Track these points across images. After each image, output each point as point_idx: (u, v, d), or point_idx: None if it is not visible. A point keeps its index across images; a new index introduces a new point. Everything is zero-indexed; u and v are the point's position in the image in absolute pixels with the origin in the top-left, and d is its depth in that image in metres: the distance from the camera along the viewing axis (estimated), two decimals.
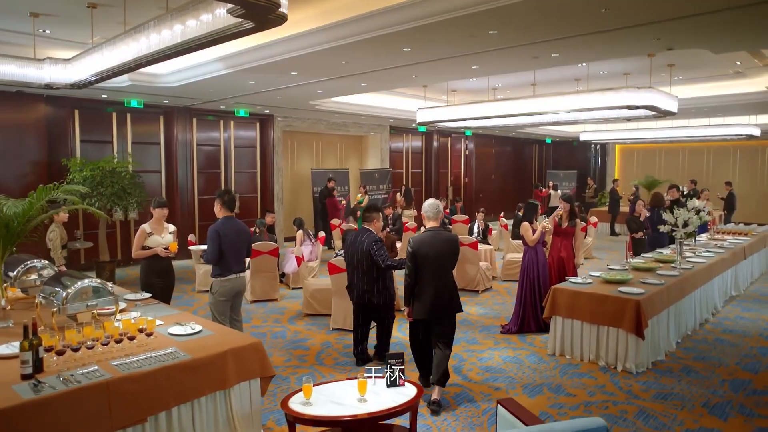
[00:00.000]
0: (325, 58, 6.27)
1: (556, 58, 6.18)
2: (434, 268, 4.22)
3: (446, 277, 4.29)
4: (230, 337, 3.74)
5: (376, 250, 4.86)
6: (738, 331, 6.22)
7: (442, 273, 4.26)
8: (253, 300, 7.54)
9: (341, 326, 6.21)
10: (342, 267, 6.08)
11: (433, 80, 7.97)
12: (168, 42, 4.32)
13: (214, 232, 4.68)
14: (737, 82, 9.90)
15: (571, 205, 6.40)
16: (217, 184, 11.84)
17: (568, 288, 5.29)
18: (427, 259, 4.20)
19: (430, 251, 4.21)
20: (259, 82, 7.99)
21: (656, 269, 6.11)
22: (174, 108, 10.78)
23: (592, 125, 17.14)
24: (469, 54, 5.97)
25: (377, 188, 14.59)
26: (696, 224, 6.15)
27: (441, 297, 4.24)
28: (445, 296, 4.26)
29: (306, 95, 9.36)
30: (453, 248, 4.32)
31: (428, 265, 4.22)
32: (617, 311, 4.91)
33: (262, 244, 7.54)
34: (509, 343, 5.76)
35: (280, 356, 5.42)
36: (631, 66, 8.92)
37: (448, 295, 4.28)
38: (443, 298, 4.25)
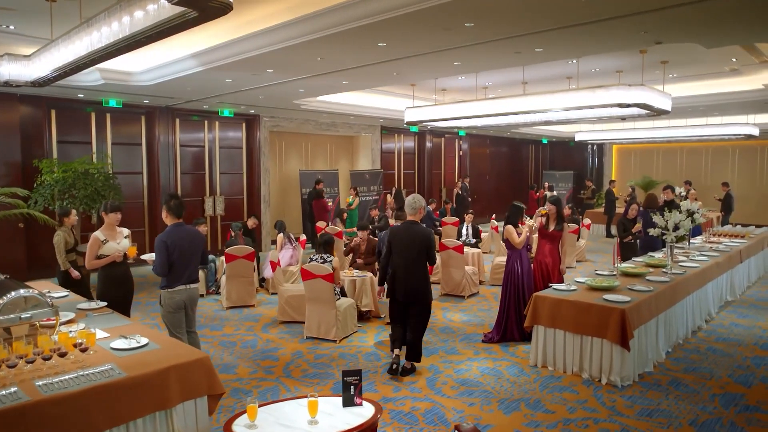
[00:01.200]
0: (299, 54, 6.00)
1: (540, 53, 5.89)
2: (406, 256, 4.75)
3: (418, 267, 4.76)
4: (176, 351, 3.45)
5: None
6: (732, 339, 5.92)
7: (414, 262, 4.75)
8: (229, 306, 7.26)
9: (315, 334, 5.93)
10: (316, 273, 5.81)
11: (417, 78, 7.70)
12: (118, 35, 4.06)
13: (161, 243, 4.36)
14: (734, 79, 9.61)
15: (558, 207, 6.12)
16: (202, 186, 11.57)
17: (550, 296, 5.00)
18: (400, 248, 4.78)
19: (403, 241, 4.77)
20: (236, 80, 7.72)
21: (646, 274, 5.81)
22: (155, 108, 10.51)
23: (587, 125, 16.89)
24: (447, 49, 5.69)
25: (368, 190, 14.31)
26: (687, 228, 5.86)
27: (413, 284, 4.76)
28: (416, 283, 4.77)
29: (288, 94, 9.09)
30: (423, 241, 4.74)
31: (401, 254, 4.77)
32: (601, 321, 4.62)
33: (237, 248, 7.26)
34: (490, 353, 5.47)
35: (246, 367, 5.14)
36: (624, 63, 8.64)
37: (418, 283, 4.77)
38: (415, 285, 4.77)
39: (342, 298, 6.13)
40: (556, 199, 6.14)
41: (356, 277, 6.66)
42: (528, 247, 6.01)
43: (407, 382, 4.73)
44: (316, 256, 6.16)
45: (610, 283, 5.21)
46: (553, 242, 6.07)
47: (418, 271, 4.77)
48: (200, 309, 7.25)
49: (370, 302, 6.64)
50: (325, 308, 5.84)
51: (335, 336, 5.82)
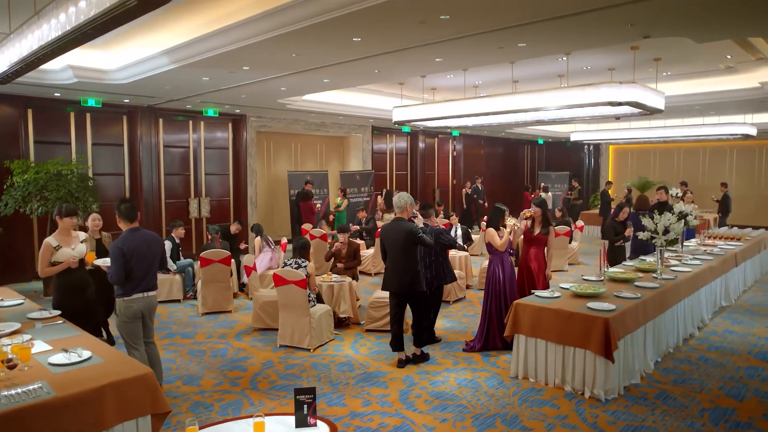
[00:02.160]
0: (271, 50, 5.75)
1: (524, 48, 5.64)
2: (396, 251, 5.02)
3: (408, 260, 4.98)
4: (118, 367, 3.19)
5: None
6: (725, 348, 5.65)
7: (403, 256, 4.99)
8: (205, 312, 7.00)
9: (288, 343, 5.67)
10: (288, 278, 5.55)
11: (400, 76, 7.45)
12: (66, 27, 3.81)
13: (116, 250, 4.10)
14: (729, 78, 9.35)
15: (544, 210, 5.86)
16: (187, 187, 11.33)
17: (531, 303, 4.73)
18: (389, 243, 5.08)
19: (391, 238, 5.05)
20: (214, 78, 7.47)
21: (635, 280, 5.55)
22: (137, 108, 10.27)
23: (582, 125, 16.64)
24: (426, 44, 5.44)
25: (358, 191, 14.05)
26: (678, 231, 5.60)
27: (405, 277, 5.01)
28: (407, 277, 5.00)
29: (271, 93, 8.84)
30: (408, 236, 4.94)
31: (392, 249, 5.07)
32: (584, 330, 4.36)
33: (212, 252, 7.00)
34: (470, 363, 5.21)
35: (212, 378, 4.88)
36: (616, 61, 8.39)
37: (408, 277, 5.00)
38: (406, 279, 5.01)
39: (317, 305, 5.87)
40: (540, 201, 5.88)
41: (334, 282, 6.40)
42: (511, 251, 5.74)
43: (378, 395, 4.47)
44: (290, 260, 5.90)
45: (596, 290, 4.95)
46: (539, 246, 5.81)
47: (406, 265, 5.00)
48: (175, 315, 7.03)
49: (349, 308, 6.38)
50: (299, 315, 5.58)
51: (309, 344, 5.56)
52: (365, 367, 5.12)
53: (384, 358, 5.36)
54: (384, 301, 6.18)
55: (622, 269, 6.14)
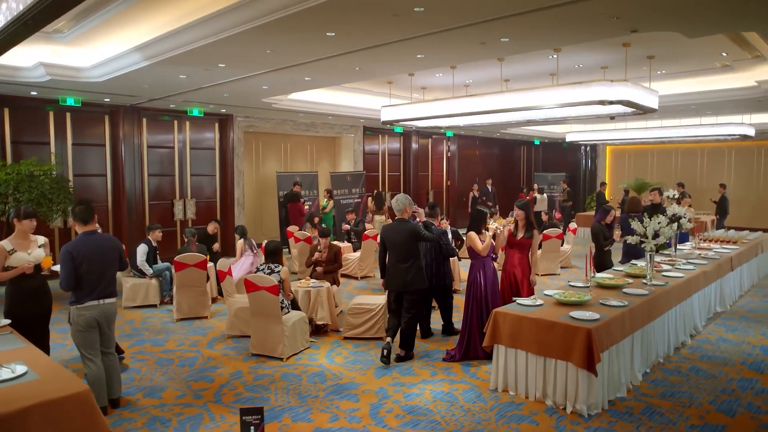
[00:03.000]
0: (244, 45, 5.51)
1: (507, 44, 5.39)
2: (398, 250, 5.19)
3: (409, 259, 5.14)
4: (53, 385, 2.94)
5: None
6: (718, 357, 5.40)
7: (404, 255, 5.16)
8: (179, 318, 6.75)
9: (260, 351, 5.42)
10: (260, 284, 5.30)
11: (382, 74, 7.19)
12: (8, 16, 3.58)
13: (65, 254, 3.86)
14: (725, 76, 9.10)
15: (527, 213, 5.60)
16: (172, 188, 11.08)
17: (511, 312, 4.48)
18: (391, 243, 5.24)
19: (393, 237, 5.23)
20: (191, 76, 7.22)
21: (623, 286, 5.30)
22: (120, 107, 10.03)
23: (579, 125, 16.39)
24: (403, 40, 5.19)
25: (349, 192, 13.80)
26: (668, 235, 5.34)
27: (404, 276, 5.16)
28: (407, 275, 5.15)
29: (253, 92, 8.59)
30: (410, 235, 5.14)
31: (393, 248, 5.23)
32: (566, 341, 4.11)
33: (187, 256, 6.75)
34: (448, 374, 4.96)
35: (175, 390, 4.63)
36: (608, 59, 8.13)
37: (408, 276, 5.15)
38: (405, 278, 5.16)
39: (292, 312, 5.62)
40: (524, 203, 5.62)
41: (311, 287, 6.15)
42: (493, 256, 5.49)
43: (348, 409, 4.21)
44: (263, 265, 5.65)
45: (580, 298, 4.70)
46: (523, 251, 5.56)
47: (408, 264, 5.15)
48: (149, 321, 6.79)
49: (327, 315, 6.13)
50: (271, 323, 5.33)
51: (282, 353, 5.31)
52: (338, 377, 4.87)
53: (359, 368, 5.11)
54: (364, 308, 5.94)
55: (611, 275, 5.88)
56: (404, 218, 5.28)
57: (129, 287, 7.34)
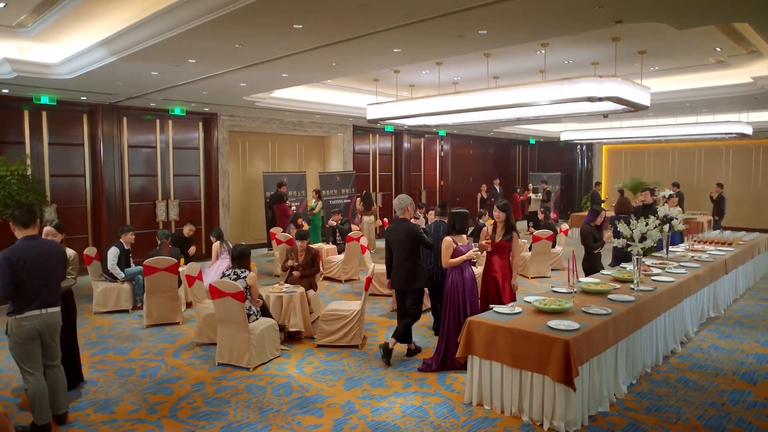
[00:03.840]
0: (209, 39, 5.24)
1: (486, 37, 5.11)
2: (399, 250, 5.24)
3: (408, 259, 5.19)
4: None
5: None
6: (709, 367, 5.12)
7: (405, 255, 5.19)
8: (149, 324, 6.47)
9: (227, 361, 5.15)
10: (225, 290, 5.02)
11: (360, 69, 6.90)
12: None
13: (3, 260, 3.59)
14: (721, 72, 8.81)
15: (508, 215, 5.33)
16: (154, 189, 10.81)
17: (485, 321, 4.20)
18: (392, 243, 5.30)
19: (394, 237, 5.28)
20: (164, 73, 6.95)
21: (609, 292, 5.02)
22: (98, 105, 9.76)
23: (573, 124, 16.13)
24: (375, 33, 4.92)
25: (339, 192, 13.53)
26: (655, 238, 5.06)
27: (404, 275, 5.22)
28: (406, 275, 5.21)
29: (232, 89, 8.32)
30: (409, 236, 5.19)
31: (395, 248, 5.27)
32: (542, 353, 3.83)
33: (156, 259, 6.47)
34: (422, 385, 4.68)
35: (130, 404, 4.35)
36: (599, 54, 7.84)
37: (408, 274, 5.20)
38: (405, 276, 5.22)
39: (261, 319, 5.35)
40: (504, 204, 5.35)
41: (283, 293, 5.88)
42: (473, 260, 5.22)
43: (310, 425, 3.94)
44: (229, 270, 5.38)
45: (561, 305, 4.42)
46: (502, 255, 5.28)
47: (408, 264, 5.19)
48: (118, 327, 6.52)
49: (300, 321, 5.86)
50: (237, 331, 5.06)
51: (248, 363, 5.03)
52: (305, 389, 4.60)
53: (329, 379, 4.84)
54: (338, 314, 5.67)
55: (597, 279, 5.61)
56: (405, 218, 5.33)
57: (100, 292, 7.07)
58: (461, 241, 5.05)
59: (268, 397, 4.44)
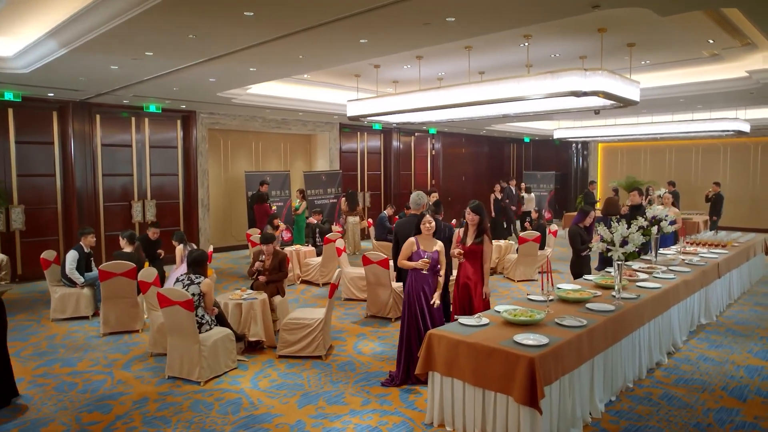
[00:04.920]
0: (159, 30, 4.89)
1: (454, 25, 4.73)
2: None
3: None
4: None
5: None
6: (696, 381, 4.74)
7: None
8: (106, 332, 6.12)
9: (177, 374, 4.79)
10: (173, 299, 4.66)
11: (330, 63, 6.48)
12: None
13: None
14: (715, 67, 8.42)
15: (482, 217, 4.96)
16: (129, 189, 10.45)
17: (446, 334, 3.83)
18: (402, 238, 5.04)
19: (404, 232, 5.12)
20: (124, 67, 6.58)
21: (589, 300, 4.65)
22: (68, 102, 9.40)
23: (566, 121, 15.76)
24: (334, 21, 4.55)
25: (325, 192, 13.17)
26: (638, 243, 4.69)
27: None
28: None
29: (202, 85, 7.96)
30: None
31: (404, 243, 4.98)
32: (506, 372, 3.46)
33: (113, 264, 6.11)
34: (383, 402, 4.32)
35: (61, 425, 3.99)
36: (586, 47, 7.45)
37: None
38: None
39: (215, 329, 4.99)
40: (477, 206, 4.97)
41: (242, 300, 5.51)
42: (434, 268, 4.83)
43: None
44: (183, 276, 5.02)
45: (532, 317, 4.05)
46: (474, 259, 4.92)
47: None
48: (73, 336, 6.16)
49: (261, 331, 5.49)
50: (187, 342, 4.70)
51: (199, 377, 4.67)
52: (254, 407, 4.24)
53: (283, 394, 4.48)
54: (300, 323, 5.30)
55: (578, 286, 5.23)
56: (415, 214, 5.32)
57: (58, 297, 6.71)
58: (427, 246, 4.67)
59: (213, 416, 4.08)
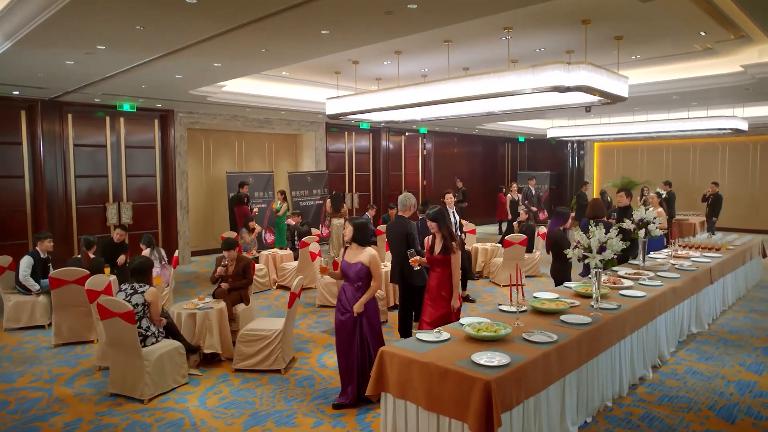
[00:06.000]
0: (101, 21, 4.54)
1: (417, 12, 4.36)
2: (395, 246, 5.27)
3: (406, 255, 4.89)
4: None
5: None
6: (682, 399, 4.37)
7: (402, 251, 5.04)
8: (59, 343, 5.76)
9: (120, 390, 4.43)
10: (114, 310, 4.31)
11: (294, 56, 6.04)
12: None
13: None
14: (709, 61, 8.03)
15: (440, 224, 4.56)
16: (104, 190, 10.10)
17: (399, 352, 3.47)
18: (390, 240, 5.39)
19: (393, 234, 5.33)
20: (80, 63, 6.20)
21: (564, 311, 4.28)
22: (37, 101, 9.06)
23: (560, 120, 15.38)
24: (288, 8, 4.17)
25: (310, 193, 12.82)
26: (617, 249, 4.31)
27: (402, 271, 5.14)
28: (404, 271, 5.10)
29: (170, 82, 7.60)
30: (402, 233, 5.18)
31: (393, 245, 5.32)
32: (460, 396, 3.09)
33: (64, 271, 5.75)
34: (337, 423, 3.95)
35: None
36: (572, 41, 7.06)
37: (407, 271, 5.06)
38: (404, 273, 5.13)
39: (163, 341, 4.64)
40: (435, 213, 4.57)
41: (197, 310, 5.15)
42: None
43: None
44: (125, 285, 4.66)
45: (497, 332, 3.67)
46: (442, 269, 4.54)
47: (406, 260, 4.93)
48: (23, 347, 5.80)
49: (216, 342, 5.13)
50: (129, 356, 4.35)
51: (142, 394, 4.32)
52: (196, 429, 3.88)
53: (230, 414, 4.12)
54: (258, 334, 4.94)
55: (555, 295, 4.86)
56: (404, 216, 5.37)
57: (11, 306, 6.36)
58: (353, 256, 4.27)
59: None
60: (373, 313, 4.34)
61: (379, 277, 4.28)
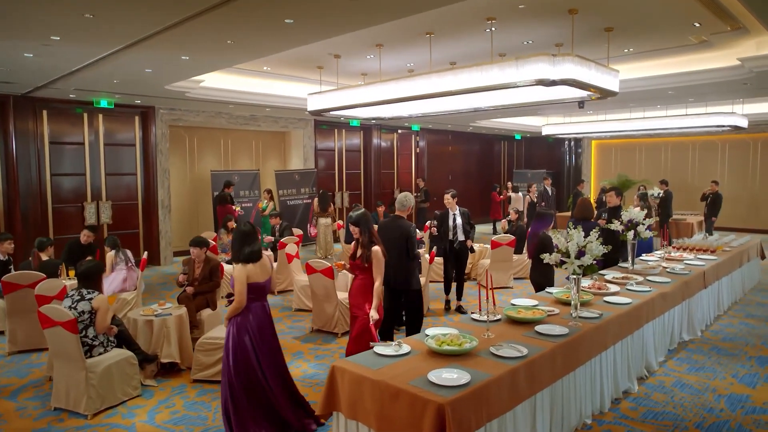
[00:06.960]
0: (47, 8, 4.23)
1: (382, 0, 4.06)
2: (395, 248, 4.85)
3: (403, 257, 4.89)
4: None
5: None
6: (668, 415, 4.05)
7: (399, 253, 4.87)
8: (13, 351, 5.48)
9: (63, 405, 4.15)
10: (55, 318, 4.01)
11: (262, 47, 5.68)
12: None
13: None
14: (704, 55, 7.69)
15: (363, 229, 4.20)
16: (82, 189, 9.81)
17: (350, 367, 3.16)
18: (386, 241, 4.63)
19: (389, 235, 4.94)
20: (40, 55, 5.89)
21: (540, 321, 3.97)
22: (8, 97, 8.77)
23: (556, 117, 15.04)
24: None
25: (298, 192, 12.52)
26: (597, 254, 3.99)
27: (400, 273, 4.90)
28: (402, 273, 4.92)
29: (142, 77, 7.28)
30: (402, 234, 4.95)
31: (389, 246, 4.65)
32: (413, 419, 2.78)
33: (17, 275, 5.46)
34: None
35: None
36: (563, 34, 6.74)
37: (404, 273, 4.93)
38: (401, 275, 4.91)
39: (113, 351, 4.33)
40: (358, 217, 4.21)
41: (154, 317, 4.85)
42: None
43: None
44: (72, 291, 4.35)
45: (461, 345, 3.36)
46: (365, 275, 4.22)
47: (403, 262, 4.91)
48: None
49: (175, 351, 4.83)
50: (72, 368, 4.06)
51: (86, 409, 4.03)
52: None
53: (181, 430, 3.81)
54: (217, 343, 4.63)
55: (534, 301, 4.54)
56: (401, 216, 5.16)
57: None
58: (259, 275, 3.83)
59: None
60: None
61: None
